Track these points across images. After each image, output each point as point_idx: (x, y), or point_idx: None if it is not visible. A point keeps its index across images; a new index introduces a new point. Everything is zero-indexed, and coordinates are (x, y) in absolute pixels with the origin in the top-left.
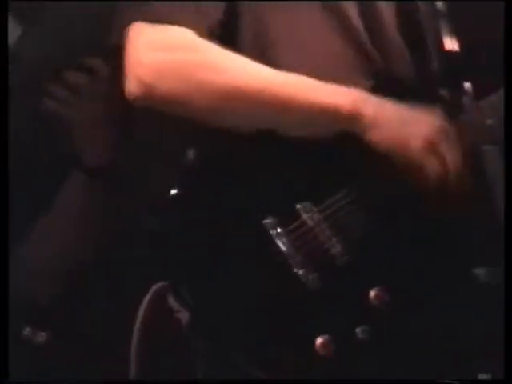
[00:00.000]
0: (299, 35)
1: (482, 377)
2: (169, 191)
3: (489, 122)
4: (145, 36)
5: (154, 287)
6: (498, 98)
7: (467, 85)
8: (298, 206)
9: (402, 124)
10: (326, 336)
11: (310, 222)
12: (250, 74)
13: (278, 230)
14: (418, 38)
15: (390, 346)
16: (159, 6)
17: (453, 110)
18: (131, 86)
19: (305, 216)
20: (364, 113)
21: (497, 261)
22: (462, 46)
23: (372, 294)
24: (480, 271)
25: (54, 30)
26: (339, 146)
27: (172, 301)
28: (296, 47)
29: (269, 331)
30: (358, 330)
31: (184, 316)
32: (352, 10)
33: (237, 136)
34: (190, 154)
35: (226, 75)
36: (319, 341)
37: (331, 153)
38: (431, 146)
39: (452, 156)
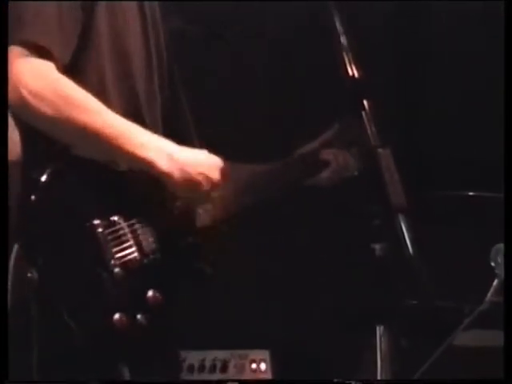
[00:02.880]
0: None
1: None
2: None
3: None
4: (28, 62)
5: (15, 247)
6: None
7: (366, 104)
8: (114, 217)
9: (191, 168)
10: (121, 314)
11: (121, 231)
12: (103, 118)
13: (99, 230)
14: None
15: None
16: (31, 33)
17: None
18: (12, 97)
19: (117, 225)
20: (172, 174)
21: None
22: (361, 71)
23: (150, 293)
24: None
25: None
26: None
27: (24, 261)
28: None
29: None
30: (138, 316)
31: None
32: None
33: (83, 159)
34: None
35: (86, 115)
36: (117, 317)
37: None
38: (205, 177)
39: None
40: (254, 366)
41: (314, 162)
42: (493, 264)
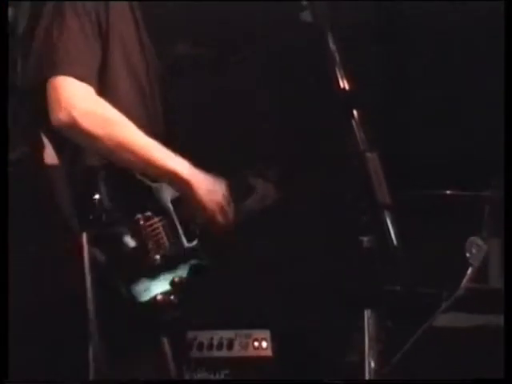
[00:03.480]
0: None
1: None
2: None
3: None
4: (73, 88)
5: (84, 236)
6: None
7: (356, 113)
8: (148, 213)
9: (209, 193)
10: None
11: (155, 224)
12: (134, 133)
13: (141, 222)
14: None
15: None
16: (73, 70)
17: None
18: (63, 118)
19: (152, 220)
20: (191, 181)
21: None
22: (352, 84)
23: (176, 279)
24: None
25: None
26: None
27: (92, 248)
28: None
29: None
30: (171, 296)
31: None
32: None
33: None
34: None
35: (123, 132)
36: (159, 297)
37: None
38: (221, 208)
39: (230, 213)
40: (256, 344)
41: (243, 188)
42: (467, 255)
